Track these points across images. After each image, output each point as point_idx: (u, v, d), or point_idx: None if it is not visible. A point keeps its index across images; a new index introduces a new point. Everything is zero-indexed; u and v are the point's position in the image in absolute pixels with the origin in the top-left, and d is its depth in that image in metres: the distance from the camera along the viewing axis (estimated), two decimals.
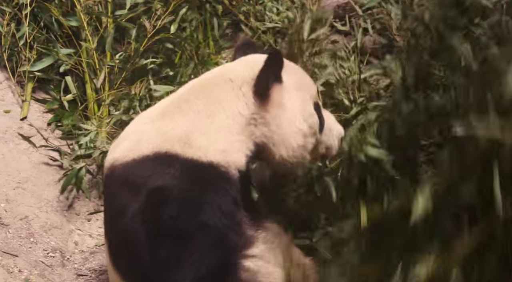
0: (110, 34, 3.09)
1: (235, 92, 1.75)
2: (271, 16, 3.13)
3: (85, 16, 3.08)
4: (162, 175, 1.61)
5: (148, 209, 1.59)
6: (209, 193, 1.63)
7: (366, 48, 2.75)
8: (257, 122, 1.74)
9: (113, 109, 2.96)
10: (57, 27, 3.11)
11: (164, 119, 1.73)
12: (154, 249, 1.59)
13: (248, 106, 1.74)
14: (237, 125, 1.72)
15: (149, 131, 1.71)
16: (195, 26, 3.27)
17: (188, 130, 1.68)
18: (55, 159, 2.78)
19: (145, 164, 1.64)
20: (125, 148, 1.71)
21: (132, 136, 1.74)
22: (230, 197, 1.66)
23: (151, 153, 1.65)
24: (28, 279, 2.22)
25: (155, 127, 1.72)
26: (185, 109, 1.73)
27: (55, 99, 3.05)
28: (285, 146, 1.78)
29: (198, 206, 1.60)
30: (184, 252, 1.58)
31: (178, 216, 1.58)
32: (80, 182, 2.60)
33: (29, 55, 3.02)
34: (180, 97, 1.80)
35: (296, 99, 1.80)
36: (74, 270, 2.40)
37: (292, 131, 1.78)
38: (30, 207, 2.53)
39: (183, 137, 1.67)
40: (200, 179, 1.63)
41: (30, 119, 2.93)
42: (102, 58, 3.08)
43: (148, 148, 1.66)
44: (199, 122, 1.70)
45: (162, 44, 3.17)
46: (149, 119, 1.78)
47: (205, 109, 1.72)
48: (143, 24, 3.10)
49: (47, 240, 2.44)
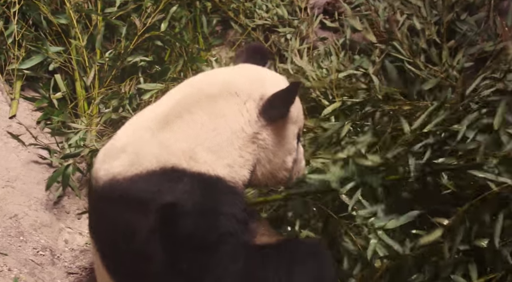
0: (100, 31, 3.09)
1: (239, 108, 1.73)
2: (261, 13, 3.13)
3: (75, 14, 3.07)
4: (172, 191, 1.58)
5: (162, 226, 1.56)
6: (222, 205, 1.62)
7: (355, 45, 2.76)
8: (259, 142, 1.74)
9: (103, 107, 2.95)
10: (46, 25, 3.09)
11: (165, 130, 1.68)
12: (174, 266, 1.57)
13: (251, 124, 1.73)
14: (241, 141, 1.71)
15: (150, 144, 1.65)
16: (185, 24, 3.26)
17: (192, 144, 1.65)
18: (44, 157, 2.77)
19: (151, 179, 1.60)
20: (126, 161, 1.64)
21: (130, 148, 1.67)
22: (241, 206, 1.67)
23: (156, 168, 1.60)
24: (17, 277, 2.21)
25: (157, 139, 1.66)
26: (188, 121, 1.69)
27: (44, 97, 3.03)
28: (271, 174, 1.83)
29: (214, 218, 1.60)
30: (209, 265, 1.58)
31: (196, 231, 1.58)
32: (67, 179, 2.59)
33: (17, 53, 3.00)
34: (180, 105, 1.74)
35: (290, 133, 1.83)
36: (64, 268, 2.40)
37: (281, 164, 1.83)
38: (20, 205, 2.52)
39: (188, 152, 1.63)
40: (210, 193, 1.62)
41: (19, 118, 2.91)
42: (92, 56, 3.07)
43: (152, 163, 1.61)
44: (203, 136, 1.66)
45: (152, 42, 3.16)
46: (147, 128, 1.70)
47: (209, 123, 1.68)
48: (133, 22, 3.09)
49: (37, 239, 2.44)
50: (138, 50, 3.12)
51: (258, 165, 1.78)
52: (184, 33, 3.26)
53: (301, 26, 3.02)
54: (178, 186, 1.58)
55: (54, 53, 3.01)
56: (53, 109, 2.97)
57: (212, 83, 1.79)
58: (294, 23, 3.06)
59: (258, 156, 1.76)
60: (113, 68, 3.03)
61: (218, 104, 1.72)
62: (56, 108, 2.98)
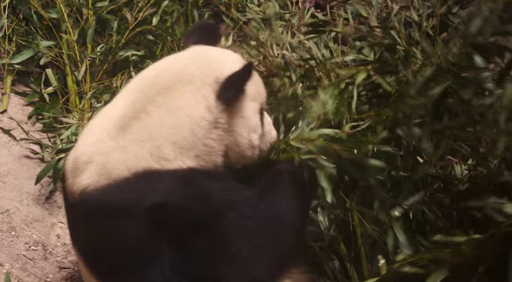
0: (91, 26, 3.07)
1: (194, 96, 1.69)
2: (252, 7, 3.13)
3: (66, 8, 3.05)
4: (153, 192, 1.57)
5: (155, 228, 1.55)
6: (207, 190, 1.63)
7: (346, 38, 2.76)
8: (222, 126, 1.72)
9: (95, 101, 2.94)
10: (36, 19, 3.07)
11: (126, 133, 1.64)
12: (184, 262, 1.58)
13: (210, 110, 1.70)
14: (203, 129, 1.68)
15: (115, 151, 1.62)
16: (176, 18, 3.25)
17: (157, 143, 1.63)
18: (36, 152, 2.76)
19: (125, 186, 1.58)
20: (94, 173, 1.61)
21: (96, 159, 1.62)
22: (226, 187, 1.69)
23: (128, 174, 1.58)
24: (9, 272, 2.21)
25: (119, 145, 1.62)
26: (148, 121, 1.66)
27: (36, 92, 3.02)
28: (240, 154, 1.81)
29: (204, 202, 1.61)
30: (224, 243, 1.60)
31: (196, 218, 1.59)
32: (57, 173, 2.58)
33: (8, 48, 2.98)
34: (136, 104, 1.70)
35: (251, 111, 1.81)
36: (56, 263, 2.39)
37: (246, 143, 1.80)
38: (11, 200, 2.51)
39: (156, 152, 1.62)
40: (190, 185, 1.62)
41: (10, 113, 2.90)
42: (83, 51, 3.05)
43: (122, 170, 1.59)
44: (166, 133, 1.64)
45: (143, 36, 3.15)
46: (107, 135, 1.66)
47: (168, 118, 1.66)
48: (124, 16, 3.08)
49: (29, 234, 2.43)
50: (129, 45, 3.11)
51: (227, 148, 1.76)
52: (175, 27, 3.25)
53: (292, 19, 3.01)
54: (157, 186, 1.57)
55: (45, 47, 3.00)
56: (45, 104, 2.96)
57: (164, 75, 1.76)
58: (286, 17, 3.05)
59: (225, 140, 1.74)
60: (105, 62, 3.02)
61: (173, 97, 1.69)
62: (48, 103, 2.97)
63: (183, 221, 1.57)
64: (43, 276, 2.31)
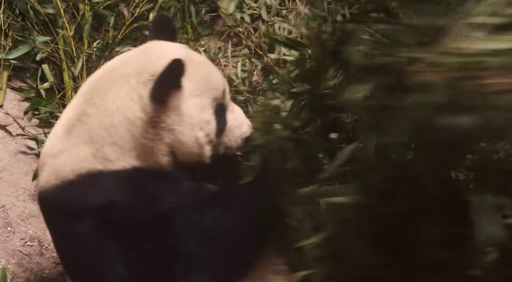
0: (88, 21, 3.05)
1: (129, 96, 1.66)
2: (249, 3, 3.12)
3: (62, 3, 3.02)
4: (99, 193, 1.60)
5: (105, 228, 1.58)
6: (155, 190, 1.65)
7: None
8: (160, 125, 1.67)
9: None
10: (33, 15, 3.05)
11: (70, 136, 1.68)
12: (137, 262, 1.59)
13: (145, 110, 1.65)
14: (140, 129, 1.65)
15: (62, 154, 1.67)
16: (173, 14, 3.24)
17: (98, 145, 1.64)
18: (32, 148, 2.75)
19: (71, 188, 1.62)
20: (46, 174, 1.68)
21: (48, 160, 1.69)
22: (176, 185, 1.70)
23: (73, 177, 1.63)
24: (5, 268, 2.21)
25: (65, 147, 1.67)
26: (87, 123, 1.67)
27: (32, 87, 3.01)
28: (187, 153, 1.74)
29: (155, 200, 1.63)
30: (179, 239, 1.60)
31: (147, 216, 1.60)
32: None
33: (4, 43, 2.97)
34: (79, 106, 1.72)
35: (194, 107, 1.72)
36: (52, 259, 2.39)
37: (191, 141, 1.73)
38: (7, 196, 2.51)
39: (97, 153, 1.64)
40: (135, 184, 1.63)
41: (6, 108, 2.89)
42: (80, 46, 3.04)
43: (67, 172, 1.63)
44: (105, 135, 1.64)
45: (140, 32, 3.14)
46: (57, 137, 1.71)
47: (105, 120, 1.65)
48: (121, 11, 3.07)
49: (25, 229, 2.43)
50: (126, 40, 3.10)
51: (170, 146, 1.71)
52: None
53: (289, 15, 3.01)
54: (103, 187, 1.60)
55: (41, 43, 2.98)
56: (41, 100, 2.95)
57: (106, 75, 1.75)
58: (283, 13, 3.06)
59: (165, 139, 1.69)
60: (101, 58, 3.01)
61: (109, 98, 1.68)
62: (44, 99, 2.96)
63: (127, 221, 1.58)
64: (39, 271, 2.32)
